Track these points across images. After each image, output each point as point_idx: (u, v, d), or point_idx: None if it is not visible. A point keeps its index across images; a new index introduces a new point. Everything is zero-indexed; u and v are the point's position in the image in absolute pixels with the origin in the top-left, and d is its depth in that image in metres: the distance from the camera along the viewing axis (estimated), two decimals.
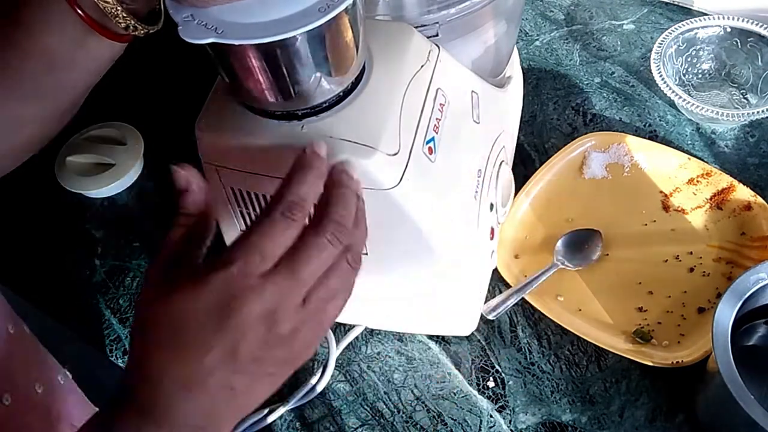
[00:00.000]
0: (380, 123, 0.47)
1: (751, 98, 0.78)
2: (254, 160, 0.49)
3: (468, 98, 0.57)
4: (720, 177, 0.70)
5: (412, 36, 0.52)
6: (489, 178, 0.59)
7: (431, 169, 0.50)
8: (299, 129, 0.47)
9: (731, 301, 0.53)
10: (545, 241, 0.69)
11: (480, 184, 0.58)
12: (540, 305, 0.64)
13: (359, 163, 0.45)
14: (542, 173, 0.72)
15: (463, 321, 0.63)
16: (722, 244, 0.67)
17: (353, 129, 0.47)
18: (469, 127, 0.57)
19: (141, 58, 0.57)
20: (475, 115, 0.57)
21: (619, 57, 0.85)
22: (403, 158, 0.48)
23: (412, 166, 0.48)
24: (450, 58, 0.55)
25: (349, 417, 0.62)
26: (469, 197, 0.56)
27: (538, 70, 0.84)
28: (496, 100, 0.64)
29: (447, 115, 0.53)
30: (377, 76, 0.49)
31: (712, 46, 0.79)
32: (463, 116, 0.56)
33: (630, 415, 0.59)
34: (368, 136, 0.46)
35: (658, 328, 0.63)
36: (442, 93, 0.53)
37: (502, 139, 0.64)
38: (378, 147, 0.46)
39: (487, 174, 0.59)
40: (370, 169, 0.46)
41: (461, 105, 0.56)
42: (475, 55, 0.62)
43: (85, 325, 0.71)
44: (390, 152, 0.47)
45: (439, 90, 0.52)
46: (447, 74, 0.54)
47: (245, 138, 0.48)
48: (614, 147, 0.74)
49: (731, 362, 0.50)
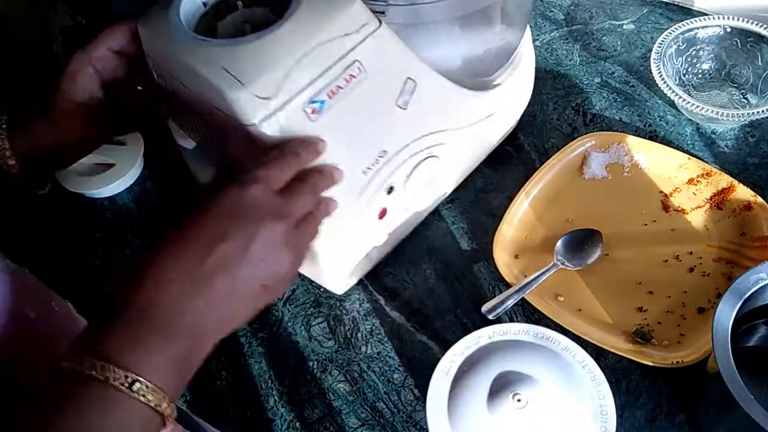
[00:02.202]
0: (267, 65, 0.50)
1: (751, 98, 0.78)
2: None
3: (398, 83, 0.58)
4: (720, 177, 0.70)
5: (352, 4, 0.53)
6: (398, 163, 0.62)
7: (307, 126, 0.53)
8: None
9: (731, 301, 0.53)
10: (545, 241, 0.69)
11: (378, 164, 0.60)
12: (540, 305, 0.64)
13: (225, 93, 0.49)
14: (542, 173, 0.72)
15: (332, 280, 0.68)
16: (722, 244, 0.67)
17: (241, 62, 0.50)
18: (386, 109, 0.58)
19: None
20: (401, 101, 0.59)
21: (619, 57, 0.85)
22: (275, 105, 0.50)
23: (283, 115, 0.51)
24: (391, 39, 0.56)
25: (349, 417, 0.62)
26: (355, 170, 0.58)
27: (538, 70, 0.84)
28: (451, 99, 0.65)
29: (357, 88, 0.54)
30: (294, 26, 0.51)
31: (712, 46, 0.79)
32: (383, 97, 0.58)
33: (630, 415, 0.59)
34: (246, 73, 0.49)
35: (658, 328, 0.63)
36: (360, 66, 0.54)
37: (447, 137, 0.65)
38: (247, 85, 0.49)
39: (395, 158, 0.61)
40: (233, 103, 0.49)
41: (385, 86, 0.57)
42: (442, 49, 0.65)
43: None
44: (261, 95, 0.50)
45: (357, 62, 0.54)
46: (376, 52, 0.55)
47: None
48: (614, 147, 0.74)
49: (731, 362, 0.50)
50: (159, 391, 0.41)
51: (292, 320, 0.68)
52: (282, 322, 0.69)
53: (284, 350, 0.67)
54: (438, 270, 0.70)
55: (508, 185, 0.74)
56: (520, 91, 0.75)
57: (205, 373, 0.66)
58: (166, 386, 0.41)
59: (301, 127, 0.52)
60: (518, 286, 0.64)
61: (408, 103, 0.59)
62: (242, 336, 0.68)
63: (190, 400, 0.65)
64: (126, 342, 0.41)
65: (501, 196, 0.74)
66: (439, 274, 0.70)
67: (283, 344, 0.67)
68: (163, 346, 0.42)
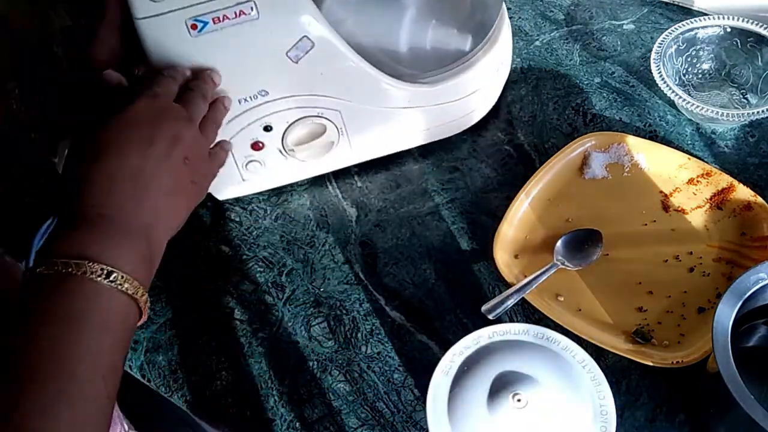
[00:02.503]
0: None
1: (751, 98, 0.78)
2: None
3: (292, 37, 0.62)
4: (720, 177, 0.70)
5: None
6: (280, 108, 0.67)
7: (186, 40, 0.59)
8: None
9: (731, 301, 0.53)
10: (545, 241, 0.69)
11: (257, 99, 0.65)
12: (540, 305, 0.64)
13: None
14: (542, 173, 0.72)
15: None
16: (722, 244, 0.67)
17: None
18: (274, 56, 0.62)
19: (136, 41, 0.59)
20: (292, 55, 0.62)
21: (619, 57, 0.85)
22: (161, 8, 0.57)
23: (165, 22, 0.57)
24: (305, 1, 0.60)
25: (349, 417, 0.62)
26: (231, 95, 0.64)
27: (538, 70, 0.84)
28: (355, 74, 0.67)
29: (245, 25, 0.59)
30: None
31: (712, 46, 0.79)
32: (273, 44, 0.62)
33: (630, 415, 0.59)
34: None
35: (658, 328, 0.63)
36: (253, 7, 0.58)
37: (345, 107, 0.69)
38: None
39: (277, 103, 0.66)
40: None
41: (277, 34, 0.61)
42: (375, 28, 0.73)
43: None
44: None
45: (252, 2, 0.58)
46: (279, 5, 0.59)
47: None
48: (614, 147, 0.74)
49: (731, 362, 0.50)
50: (134, 280, 0.44)
51: (292, 320, 0.68)
52: (282, 322, 0.69)
53: (284, 350, 0.67)
54: (438, 270, 0.70)
55: (508, 185, 0.74)
56: (441, 93, 0.74)
57: (205, 373, 0.66)
58: (138, 278, 0.45)
59: (178, 39, 0.58)
60: (518, 286, 0.64)
61: (300, 58, 0.63)
62: (242, 336, 0.68)
63: (190, 400, 0.65)
64: (94, 241, 0.45)
65: (501, 196, 0.74)
66: (439, 274, 0.70)
67: (283, 344, 0.67)
68: (128, 244, 0.46)
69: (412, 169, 0.78)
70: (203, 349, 0.68)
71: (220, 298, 0.71)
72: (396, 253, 0.72)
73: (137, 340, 0.69)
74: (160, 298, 0.72)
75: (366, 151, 0.76)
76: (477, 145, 0.79)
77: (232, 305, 0.70)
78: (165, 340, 0.69)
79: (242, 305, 0.70)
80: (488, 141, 0.79)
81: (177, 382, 0.67)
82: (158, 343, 0.69)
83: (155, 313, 0.71)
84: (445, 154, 0.78)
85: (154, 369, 0.68)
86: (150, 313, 0.71)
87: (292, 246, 0.74)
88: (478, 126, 0.79)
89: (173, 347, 0.69)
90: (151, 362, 0.68)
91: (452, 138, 0.79)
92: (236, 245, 0.74)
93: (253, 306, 0.70)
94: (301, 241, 0.74)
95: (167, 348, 0.69)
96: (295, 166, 0.74)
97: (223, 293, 0.71)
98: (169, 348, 0.69)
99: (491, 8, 0.76)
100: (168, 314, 0.71)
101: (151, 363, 0.68)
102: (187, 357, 0.68)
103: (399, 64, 0.73)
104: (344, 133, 0.71)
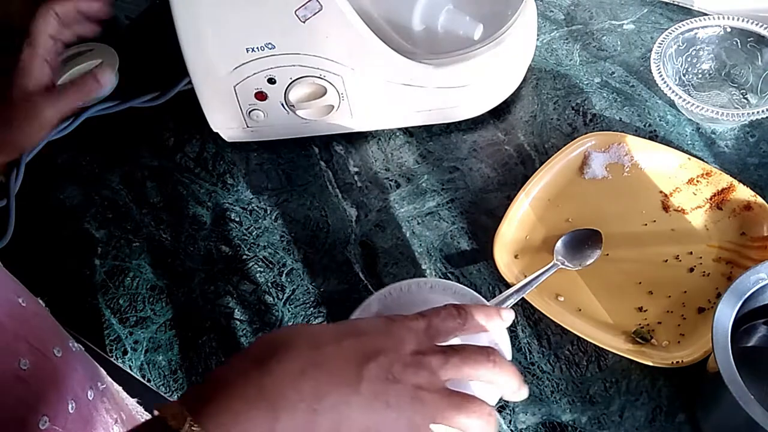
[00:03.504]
0: None
1: (751, 98, 0.78)
2: None
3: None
4: (720, 177, 0.70)
5: None
6: (285, 64, 0.70)
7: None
8: None
9: (731, 301, 0.53)
10: (545, 241, 0.69)
11: (263, 51, 0.68)
12: (540, 305, 0.64)
13: None
14: (542, 173, 0.72)
15: (212, 118, 0.78)
16: (722, 244, 0.67)
17: None
18: (282, 12, 0.65)
19: None
20: (300, 14, 0.65)
21: (619, 57, 0.85)
22: None
23: None
24: None
25: None
26: (239, 43, 0.68)
27: (538, 70, 0.84)
28: (357, 42, 0.69)
29: None
30: None
31: (712, 46, 0.79)
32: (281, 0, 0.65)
33: (630, 415, 0.59)
34: None
35: (658, 328, 0.63)
36: None
37: (348, 74, 0.71)
38: None
39: (283, 58, 0.69)
40: None
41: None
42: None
43: (85, 325, 0.71)
44: None
45: None
46: None
47: None
48: (614, 147, 0.74)
49: (731, 362, 0.50)
50: None
51: (292, 320, 0.68)
52: (282, 322, 0.69)
53: None
54: (438, 270, 0.70)
55: (508, 185, 0.74)
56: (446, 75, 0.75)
57: (205, 373, 0.66)
58: None
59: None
60: (518, 286, 0.64)
61: (307, 18, 0.65)
62: (242, 336, 0.68)
63: None
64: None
65: (501, 196, 0.74)
66: (439, 274, 0.69)
67: None
68: None
69: (412, 169, 0.78)
70: (203, 349, 0.68)
71: (220, 298, 0.71)
72: (396, 253, 0.72)
73: (137, 340, 0.69)
74: (160, 298, 0.72)
75: (366, 121, 0.78)
76: (477, 145, 0.79)
77: (232, 305, 0.70)
78: (165, 340, 0.69)
79: (242, 305, 0.70)
80: (488, 141, 0.79)
81: (177, 382, 0.67)
82: (158, 343, 0.69)
83: (155, 313, 0.71)
84: (445, 154, 0.78)
85: (154, 369, 0.68)
86: (150, 313, 0.71)
87: (292, 246, 0.74)
88: (478, 126, 0.79)
89: (173, 347, 0.69)
90: (151, 362, 0.68)
91: (452, 138, 0.79)
92: (236, 245, 0.74)
93: (253, 306, 0.70)
94: (301, 241, 0.74)
95: (167, 348, 0.69)
96: (296, 123, 0.76)
97: (223, 293, 0.71)
98: (169, 348, 0.69)
99: (510, 3, 0.76)
100: (168, 314, 0.71)
101: (151, 363, 0.68)
102: (187, 357, 0.68)
103: (406, 41, 0.75)
104: (345, 98, 0.73)
